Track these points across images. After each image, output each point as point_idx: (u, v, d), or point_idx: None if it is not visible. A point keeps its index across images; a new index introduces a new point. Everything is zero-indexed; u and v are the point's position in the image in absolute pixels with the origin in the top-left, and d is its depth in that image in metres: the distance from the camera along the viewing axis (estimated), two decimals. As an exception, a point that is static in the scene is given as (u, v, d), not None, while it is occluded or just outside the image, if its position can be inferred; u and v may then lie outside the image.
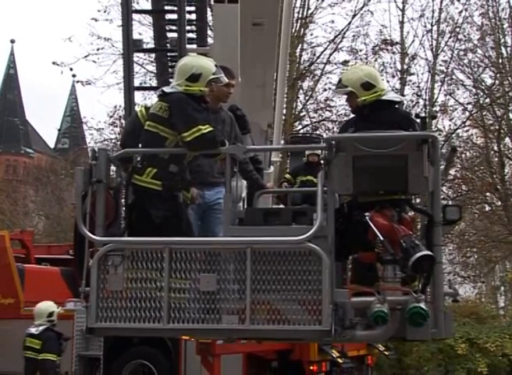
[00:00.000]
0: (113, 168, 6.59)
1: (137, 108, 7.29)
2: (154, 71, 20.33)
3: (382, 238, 5.42)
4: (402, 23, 29.06)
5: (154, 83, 24.30)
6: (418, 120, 6.11)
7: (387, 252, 5.45)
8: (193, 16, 12.79)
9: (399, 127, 5.90)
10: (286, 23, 13.96)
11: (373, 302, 5.31)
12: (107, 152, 6.23)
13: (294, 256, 5.52)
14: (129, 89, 11.46)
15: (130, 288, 5.71)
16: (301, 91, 29.63)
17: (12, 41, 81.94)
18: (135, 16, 20.80)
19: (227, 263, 5.65)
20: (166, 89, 6.76)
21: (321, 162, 15.48)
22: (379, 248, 5.53)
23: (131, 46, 11.13)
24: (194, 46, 12.98)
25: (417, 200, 6.32)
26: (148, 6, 15.53)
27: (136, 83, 24.30)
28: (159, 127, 6.53)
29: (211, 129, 6.33)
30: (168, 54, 13.15)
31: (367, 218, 5.55)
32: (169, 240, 5.78)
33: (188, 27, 12.19)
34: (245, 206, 8.02)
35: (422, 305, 5.22)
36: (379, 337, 5.57)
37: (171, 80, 13.79)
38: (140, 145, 6.74)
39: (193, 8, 12.64)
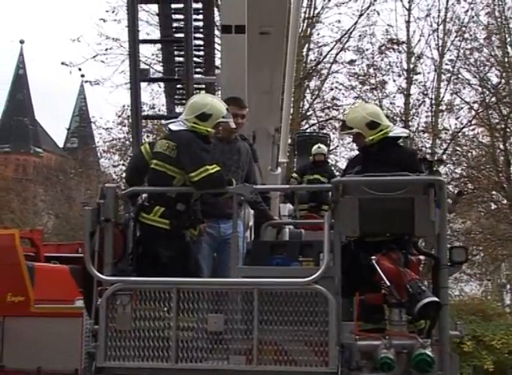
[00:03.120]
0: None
1: (142, 146, 7.25)
2: (161, 70, 20.24)
3: (388, 283, 5.42)
4: (408, 22, 29.12)
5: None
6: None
7: (393, 296, 5.46)
8: (201, 40, 12.79)
9: (405, 166, 5.89)
10: (293, 30, 13.80)
11: (379, 347, 5.30)
12: (115, 190, 6.22)
13: (301, 297, 5.50)
14: (136, 117, 11.43)
15: (139, 327, 5.70)
16: (308, 91, 29.57)
17: (22, 42, 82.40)
18: (142, 16, 20.76)
19: (234, 304, 5.65)
20: (173, 126, 6.76)
21: (327, 161, 15.69)
22: (385, 289, 5.53)
23: (138, 76, 11.12)
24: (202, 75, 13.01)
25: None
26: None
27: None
28: (167, 166, 6.53)
29: (218, 169, 6.35)
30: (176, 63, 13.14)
31: (373, 261, 5.53)
32: (177, 280, 5.78)
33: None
34: (252, 235, 8.03)
35: (428, 352, 5.21)
36: (386, 379, 5.54)
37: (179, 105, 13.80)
38: (146, 182, 6.76)
39: (201, 37, 12.66)
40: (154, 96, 27.31)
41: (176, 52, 12.46)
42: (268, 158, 13.38)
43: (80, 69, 30.77)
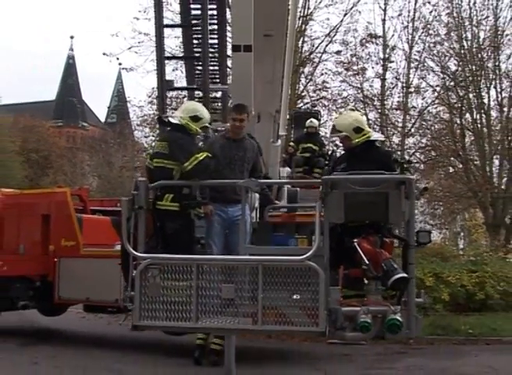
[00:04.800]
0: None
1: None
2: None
3: (367, 262, 5.39)
4: (384, 20, 28.62)
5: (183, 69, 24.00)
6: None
7: (371, 271, 5.44)
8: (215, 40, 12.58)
9: (382, 164, 5.83)
10: (291, 30, 13.72)
11: (359, 312, 5.30)
12: (146, 183, 6.17)
13: (297, 271, 5.46)
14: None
15: (166, 294, 5.67)
16: (303, 75, 29.25)
17: (72, 37, 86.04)
18: (168, 15, 20.34)
19: (243, 276, 5.61)
20: (172, 119, 6.98)
21: (318, 132, 15.66)
22: (365, 266, 5.49)
23: (165, 86, 10.99)
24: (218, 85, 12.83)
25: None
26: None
27: (169, 69, 24.11)
28: (165, 162, 6.71)
29: (205, 155, 6.44)
30: (197, 62, 12.92)
31: (355, 243, 5.49)
32: (197, 257, 5.77)
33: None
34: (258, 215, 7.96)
35: (398, 317, 5.22)
36: (364, 338, 5.55)
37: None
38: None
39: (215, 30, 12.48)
40: (177, 80, 27.08)
41: (196, 67, 12.22)
42: (270, 133, 13.37)
43: (117, 59, 30.48)
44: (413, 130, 28.59)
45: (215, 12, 11.71)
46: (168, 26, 12.74)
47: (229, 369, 7.02)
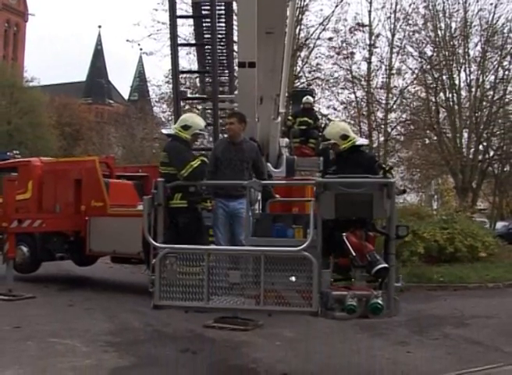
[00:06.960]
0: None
1: None
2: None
3: (353, 253, 5.36)
4: (370, 11, 28.16)
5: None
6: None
7: (357, 261, 5.42)
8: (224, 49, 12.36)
9: (366, 167, 5.80)
10: (289, 28, 13.54)
11: (347, 296, 5.28)
12: (164, 183, 6.12)
13: (293, 260, 5.41)
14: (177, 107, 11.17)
15: (181, 278, 5.65)
16: (299, 59, 28.87)
17: (99, 27, 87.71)
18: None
19: (248, 264, 5.59)
20: (164, 130, 7.10)
21: (312, 108, 15.57)
22: (352, 256, 5.46)
23: (179, 95, 10.88)
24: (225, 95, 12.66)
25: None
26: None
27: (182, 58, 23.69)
28: (168, 169, 6.85)
29: (199, 162, 6.45)
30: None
31: (344, 237, 5.46)
32: (207, 248, 5.73)
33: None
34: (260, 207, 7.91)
35: (380, 301, 5.19)
36: (350, 318, 5.52)
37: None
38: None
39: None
40: (191, 63, 26.78)
41: (207, 82, 11.99)
42: (271, 112, 13.31)
43: (139, 44, 30.26)
44: (394, 106, 28.49)
45: (223, 31, 11.57)
46: (182, 45, 12.57)
47: (234, 312, 7.04)
